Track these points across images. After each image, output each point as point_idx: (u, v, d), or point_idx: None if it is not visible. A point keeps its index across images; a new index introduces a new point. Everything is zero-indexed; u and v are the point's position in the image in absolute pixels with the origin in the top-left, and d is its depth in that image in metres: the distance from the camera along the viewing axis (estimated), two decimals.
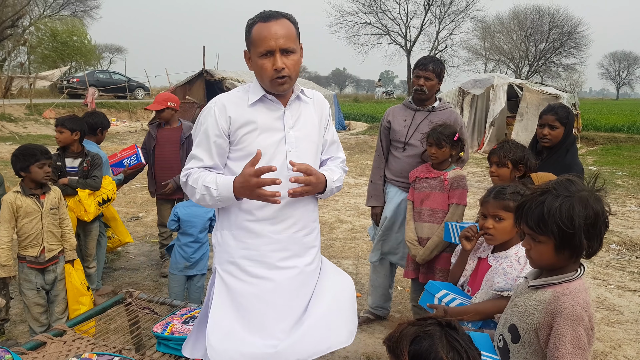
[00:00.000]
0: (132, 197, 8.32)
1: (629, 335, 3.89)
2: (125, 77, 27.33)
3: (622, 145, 15.98)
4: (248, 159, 1.96)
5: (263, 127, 2.04)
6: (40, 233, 3.35)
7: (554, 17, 47.98)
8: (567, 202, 1.55)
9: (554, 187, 1.61)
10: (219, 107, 2.05)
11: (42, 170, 3.31)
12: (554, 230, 1.56)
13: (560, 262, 1.63)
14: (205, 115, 2.07)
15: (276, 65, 1.96)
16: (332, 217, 7.34)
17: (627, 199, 8.89)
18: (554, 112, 3.14)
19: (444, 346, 1.36)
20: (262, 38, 1.96)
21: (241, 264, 2.07)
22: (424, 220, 3.32)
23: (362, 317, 3.96)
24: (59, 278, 3.48)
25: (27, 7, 33.33)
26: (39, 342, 2.47)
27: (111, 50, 53.17)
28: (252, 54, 2.03)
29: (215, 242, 2.17)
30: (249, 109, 2.04)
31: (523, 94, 14.71)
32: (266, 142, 2.03)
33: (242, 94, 2.09)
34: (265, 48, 1.95)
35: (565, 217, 1.54)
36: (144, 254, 5.57)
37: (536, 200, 1.61)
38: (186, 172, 2.07)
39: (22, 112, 19.11)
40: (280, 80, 2.00)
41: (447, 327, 1.43)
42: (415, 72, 3.53)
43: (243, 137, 2.03)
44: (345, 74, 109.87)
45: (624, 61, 75.55)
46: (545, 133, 3.14)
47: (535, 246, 1.63)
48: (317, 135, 2.19)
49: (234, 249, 2.09)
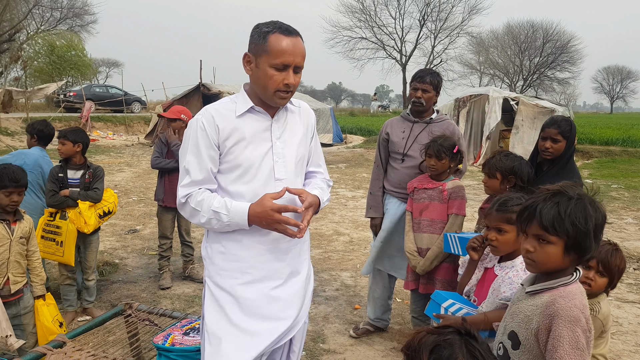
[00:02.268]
0: (129, 210, 8.30)
1: (629, 346, 3.89)
2: (122, 91, 27.40)
3: (617, 159, 16.06)
4: (235, 171, 2.03)
5: (251, 139, 2.04)
6: (6, 262, 3.04)
7: (547, 31, 48.59)
8: (580, 203, 1.59)
9: (565, 190, 1.63)
10: (207, 119, 2.03)
11: (7, 198, 3.02)
12: (569, 229, 1.58)
13: (565, 264, 1.64)
14: (195, 129, 2.04)
15: (289, 81, 1.98)
16: (330, 230, 7.34)
17: (623, 211, 8.93)
18: (557, 125, 3.10)
19: (464, 355, 1.35)
20: (282, 51, 1.94)
21: (231, 277, 2.07)
22: (423, 231, 3.34)
23: (362, 328, 3.96)
24: (23, 312, 3.17)
25: (24, 22, 33.45)
26: (39, 354, 2.47)
27: (108, 64, 53.31)
28: (262, 62, 1.98)
29: (205, 254, 2.16)
30: (237, 121, 2.04)
31: (519, 108, 14.82)
32: (253, 154, 2.04)
33: (229, 105, 2.08)
34: (283, 61, 1.95)
35: (581, 217, 1.57)
36: (141, 267, 5.55)
37: (550, 200, 1.62)
38: (186, 193, 2.03)
39: (19, 126, 19.08)
40: (285, 94, 2.02)
41: (466, 335, 1.43)
42: (413, 85, 3.56)
43: (231, 149, 2.02)
44: (341, 88, 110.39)
45: (617, 75, 76.24)
46: (548, 146, 3.10)
47: (542, 248, 1.64)
48: (304, 145, 2.21)
49: (224, 261, 2.08)
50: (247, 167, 2.03)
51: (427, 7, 42.48)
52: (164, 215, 5.00)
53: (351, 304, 4.63)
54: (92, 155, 15.47)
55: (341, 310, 4.48)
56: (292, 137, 2.14)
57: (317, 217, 8.01)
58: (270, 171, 2.06)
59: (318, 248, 6.39)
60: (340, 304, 4.63)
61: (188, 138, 2.07)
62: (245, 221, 1.96)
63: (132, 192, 9.89)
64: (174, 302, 4.57)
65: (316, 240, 6.73)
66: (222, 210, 1.97)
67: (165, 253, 5.04)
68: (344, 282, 5.21)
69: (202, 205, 1.99)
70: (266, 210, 1.93)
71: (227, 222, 1.97)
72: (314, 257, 6.01)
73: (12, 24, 31.65)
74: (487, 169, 2.89)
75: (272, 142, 2.07)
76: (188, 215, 2.05)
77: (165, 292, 4.81)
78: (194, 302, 4.56)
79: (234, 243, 2.06)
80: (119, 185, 10.52)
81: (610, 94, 78.14)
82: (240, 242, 2.06)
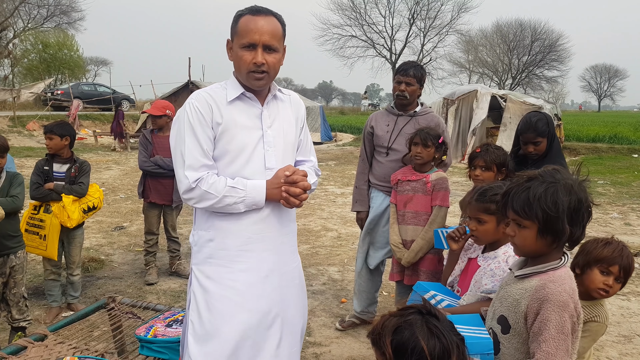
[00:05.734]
0: (116, 207, 8.25)
1: (611, 337, 3.93)
2: (110, 89, 27.20)
3: (604, 155, 16.24)
4: (225, 157, 2.00)
5: (241, 126, 2.02)
6: None
7: (536, 30, 48.95)
8: (552, 187, 1.59)
9: (540, 175, 1.64)
10: (200, 101, 2.01)
11: None
12: (538, 214, 1.59)
13: (543, 249, 1.65)
14: (189, 112, 2.01)
15: (256, 60, 1.95)
16: (318, 226, 7.34)
17: (609, 206, 9.03)
18: (533, 129, 3.04)
19: (424, 334, 1.37)
20: (248, 30, 1.95)
21: (219, 265, 2.04)
22: (408, 223, 3.34)
23: (348, 321, 3.96)
24: None
25: (10, 19, 33.10)
26: (20, 347, 2.43)
27: (96, 62, 52.98)
28: (235, 44, 2.01)
29: (192, 241, 2.14)
30: (228, 107, 2.02)
31: (506, 105, 14.93)
32: (244, 140, 2.02)
33: (220, 90, 2.06)
34: (249, 40, 1.95)
35: (550, 202, 1.57)
36: (127, 263, 5.51)
37: (522, 186, 1.64)
38: (197, 177, 1.97)
39: (6, 125, 18.93)
40: (258, 75, 1.99)
41: (427, 315, 1.44)
42: (397, 78, 3.56)
43: (221, 135, 2.00)
44: (331, 87, 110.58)
45: (605, 74, 76.98)
46: (531, 150, 3.08)
47: (519, 232, 1.66)
48: (294, 135, 2.19)
49: (212, 249, 2.05)
50: (236, 154, 2.01)
51: (416, 5, 42.72)
52: (150, 212, 4.98)
53: (338, 297, 4.63)
54: (80, 154, 15.37)
55: (328, 304, 4.49)
56: (283, 126, 2.13)
57: (305, 213, 8.01)
58: (261, 160, 2.04)
59: (306, 244, 6.38)
60: (327, 297, 4.63)
61: (182, 123, 2.02)
62: (263, 196, 1.98)
63: (119, 190, 9.83)
64: (160, 297, 4.54)
65: (304, 235, 6.72)
66: (239, 186, 1.97)
67: (152, 249, 5.01)
68: (331, 276, 5.21)
69: (216, 186, 1.96)
70: (279, 175, 2.00)
71: (242, 197, 1.96)
72: (302, 252, 6.00)
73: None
74: (484, 162, 2.88)
75: (263, 130, 2.06)
76: (196, 200, 1.99)
77: (151, 287, 4.78)
78: (180, 297, 4.54)
79: (222, 231, 2.03)
80: (106, 183, 10.46)
81: (598, 93, 78.87)
82: (228, 231, 2.03)
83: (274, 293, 2.09)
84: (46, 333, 2.60)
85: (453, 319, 1.57)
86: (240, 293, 2.02)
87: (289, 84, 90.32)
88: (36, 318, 4.06)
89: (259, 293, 2.04)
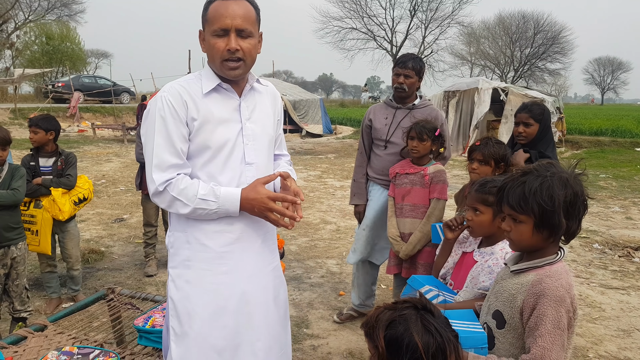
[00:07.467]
0: (116, 200, 8.27)
1: (610, 331, 3.94)
2: (110, 82, 27.17)
3: (606, 149, 16.22)
4: (204, 152, 1.88)
5: (220, 119, 1.90)
6: None
7: (539, 22, 48.61)
8: (547, 181, 1.59)
9: (535, 169, 1.64)
10: (173, 95, 1.87)
11: None
12: (534, 208, 1.59)
13: (540, 243, 1.65)
14: (160, 107, 1.86)
15: (230, 46, 1.82)
16: (317, 219, 7.36)
17: (610, 200, 9.02)
18: (527, 110, 3.20)
19: (418, 330, 1.36)
20: (219, 15, 1.82)
21: (198, 267, 1.93)
22: (406, 216, 3.35)
23: (346, 314, 3.98)
24: None
25: (11, 12, 33.03)
26: (20, 337, 2.46)
27: (97, 55, 52.80)
28: (206, 33, 1.88)
29: (169, 243, 2.02)
30: (204, 99, 1.89)
31: (508, 97, 14.87)
32: (223, 134, 1.90)
33: (194, 82, 1.92)
34: (220, 26, 1.82)
35: (545, 196, 1.57)
36: (127, 255, 5.54)
37: (517, 180, 1.64)
38: (164, 180, 1.83)
39: (7, 117, 18.94)
40: (233, 63, 1.86)
41: (423, 310, 1.44)
42: (395, 70, 3.55)
43: (199, 130, 1.87)
44: (332, 80, 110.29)
45: (608, 67, 76.58)
46: (521, 131, 3.21)
47: (515, 227, 1.66)
48: (272, 127, 2.09)
49: (190, 251, 1.93)
50: (216, 149, 1.89)
51: None
52: (148, 203, 4.99)
53: (336, 290, 4.65)
54: (80, 146, 15.38)
55: (326, 296, 4.51)
56: (261, 119, 2.02)
57: (304, 206, 8.02)
58: (241, 154, 1.93)
59: (304, 236, 6.40)
60: (325, 290, 4.65)
61: (153, 118, 1.87)
62: (237, 207, 1.85)
63: (119, 182, 9.85)
64: (159, 288, 4.57)
65: (303, 228, 6.74)
66: (210, 198, 1.83)
67: (151, 240, 5.03)
68: (329, 269, 5.23)
69: (186, 194, 1.82)
70: (262, 198, 1.83)
71: (215, 209, 1.84)
72: (301, 245, 6.03)
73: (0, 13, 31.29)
74: (482, 156, 2.89)
75: (242, 123, 1.94)
76: (166, 204, 1.87)
77: (150, 279, 4.81)
78: None
79: (201, 232, 1.91)
80: (107, 175, 10.47)
81: (601, 86, 78.50)
82: (207, 231, 1.91)
83: (258, 293, 2.00)
84: (46, 323, 2.63)
85: (446, 314, 1.57)
86: (223, 297, 1.92)
87: (289, 77, 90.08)
88: (37, 309, 4.10)
89: (242, 295, 1.94)
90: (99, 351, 2.29)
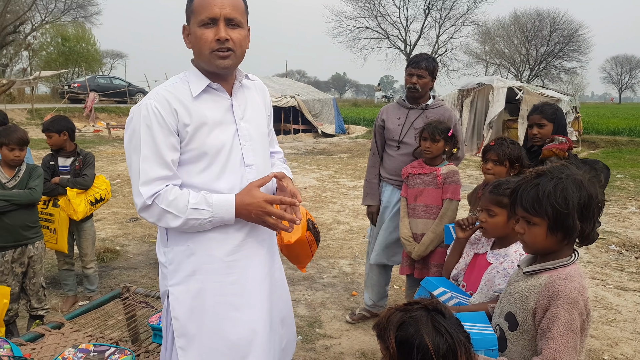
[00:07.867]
0: (131, 199, 8.33)
1: (627, 333, 3.90)
2: (125, 82, 27.46)
3: (624, 149, 16.02)
4: (201, 160, 1.78)
5: (214, 122, 1.79)
6: None
7: (555, 20, 48.05)
8: (561, 183, 1.58)
9: (549, 170, 1.64)
10: (161, 102, 1.74)
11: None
12: (548, 210, 1.58)
13: (554, 245, 1.64)
14: (146, 116, 1.73)
15: (219, 35, 1.72)
16: (329, 219, 7.36)
17: (627, 200, 8.90)
18: (539, 111, 3.21)
19: (429, 331, 1.36)
20: (206, 5, 1.72)
21: (206, 280, 1.82)
22: (418, 217, 3.34)
23: (358, 314, 3.99)
24: None
25: (28, 13, 33.51)
26: (38, 334, 2.51)
27: (112, 55, 53.43)
28: (192, 25, 1.77)
29: (165, 261, 1.86)
30: (195, 103, 1.78)
31: (523, 97, 14.74)
32: (219, 138, 1.79)
33: (181, 85, 1.81)
34: (208, 15, 1.72)
35: (559, 198, 1.57)
36: (142, 254, 5.60)
37: (531, 182, 1.63)
38: (152, 193, 1.71)
39: (24, 117, 19.22)
40: (223, 53, 1.74)
41: (433, 311, 1.44)
42: (408, 70, 3.54)
43: (194, 136, 1.76)
44: (345, 79, 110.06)
45: (626, 65, 75.48)
46: (535, 132, 3.21)
47: (529, 229, 1.65)
48: (265, 123, 2.01)
49: (194, 264, 1.81)
50: (214, 154, 1.78)
51: None
52: None
53: (348, 290, 4.66)
54: (96, 146, 15.56)
55: (338, 296, 4.51)
56: (255, 117, 1.93)
57: (317, 206, 8.04)
58: (239, 156, 1.84)
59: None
60: (338, 290, 4.66)
61: (138, 128, 1.74)
62: (232, 214, 1.74)
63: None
64: None
65: None
66: (203, 206, 1.72)
67: None
68: (342, 269, 5.24)
69: (176, 205, 1.71)
70: (258, 202, 1.74)
71: (208, 218, 1.73)
72: None
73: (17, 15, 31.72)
74: (497, 156, 2.86)
75: (237, 123, 1.84)
76: (155, 218, 1.74)
77: None
78: None
79: (205, 242, 1.80)
80: (122, 175, 10.58)
81: (619, 84, 77.43)
82: (212, 240, 1.81)
83: (273, 296, 1.95)
84: (63, 321, 2.68)
85: (457, 316, 1.57)
86: (237, 307, 1.83)
87: (302, 76, 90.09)
88: (53, 307, 4.16)
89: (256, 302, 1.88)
90: (115, 349, 2.32)
